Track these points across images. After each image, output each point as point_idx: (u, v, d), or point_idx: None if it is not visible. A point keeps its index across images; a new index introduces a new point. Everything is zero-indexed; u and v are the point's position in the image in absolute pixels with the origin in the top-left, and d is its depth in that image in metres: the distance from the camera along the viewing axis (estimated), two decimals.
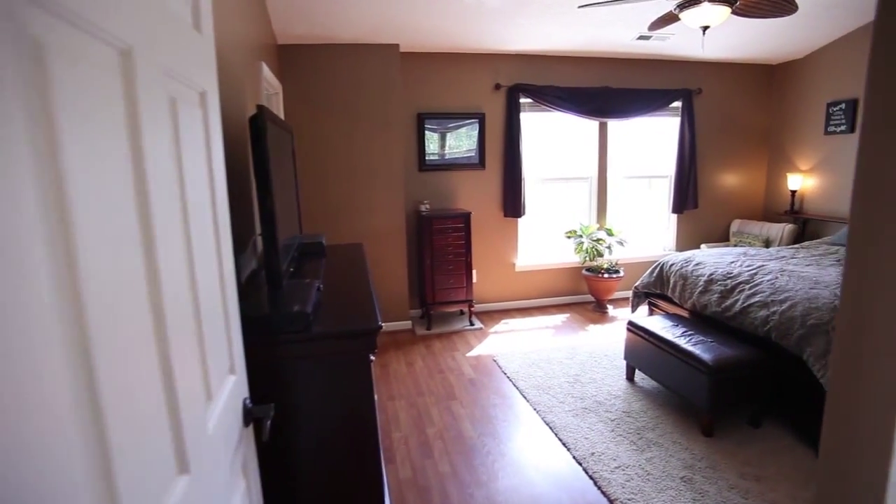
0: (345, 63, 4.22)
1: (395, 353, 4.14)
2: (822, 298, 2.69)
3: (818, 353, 2.52)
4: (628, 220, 5.52)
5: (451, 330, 4.64)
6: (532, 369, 3.69)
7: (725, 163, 5.64)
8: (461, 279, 4.61)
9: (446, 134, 4.84)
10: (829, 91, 4.98)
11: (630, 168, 5.44)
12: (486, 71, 4.82)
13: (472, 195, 4.97)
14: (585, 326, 4.67)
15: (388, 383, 3.57)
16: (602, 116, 5.03)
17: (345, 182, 4.35)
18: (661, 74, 5.21)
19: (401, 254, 4.59)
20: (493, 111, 4.89)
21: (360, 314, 1.64)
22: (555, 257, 5.31)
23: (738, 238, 5.38)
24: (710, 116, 5.46)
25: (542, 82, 4.91)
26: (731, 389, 2.71)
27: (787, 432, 2.79)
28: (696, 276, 3.47)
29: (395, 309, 4.66)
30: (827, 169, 5.07)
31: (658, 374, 3.10)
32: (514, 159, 4.89)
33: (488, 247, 5.09)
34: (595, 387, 3.37)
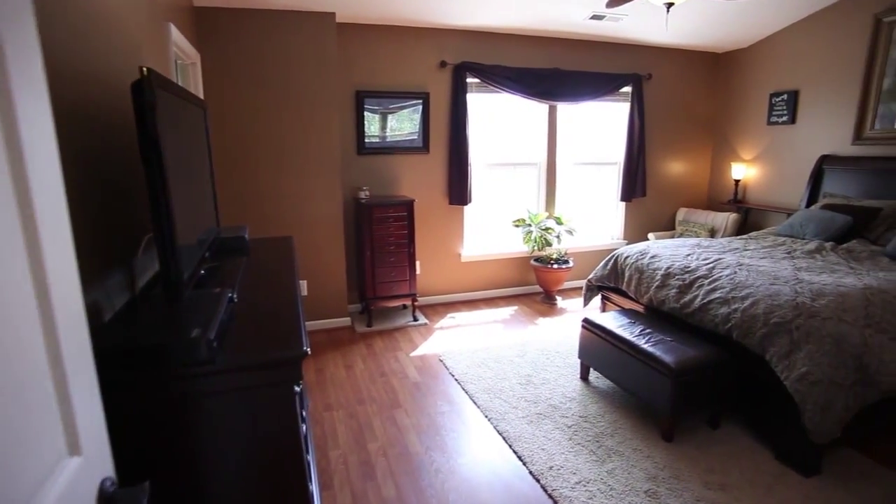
0: (274, 32, 3.75)
1: (332, 354, 3.78)
2: (783, 295, 2.58)
3: (781, 353, 2.40)
4: (577, 208, 5.37)
5: (393, 326, 4.32)
6: (481, 370, 3.45)
7: (672, 150, 5.60)
8: (404, 272, 4.29)
9: (388, 115, 4.47)
10: (772, 82, 4.99)
11: (579, 154, 5.28)
12: (430, 47, 4.47)
13: (415, 181, 4.64)
14: (535, 320, 4.48)
15: (324, 390, 3.23)
16: (551, 99, 4.82)
17: (274, 166, 3.90)
18: (611, 58, 5.05)
19: (338, 245, 4.21)
20: (438, 91, 4.56)
21: (282, 335, 1.30)
22: (502, 247, 5.09)
23: (684, 227, 5.36)
24: (658, 103, 5.37)
25: (491, 61, 4.62)
26: (693, 392, 2.57)
27: (744, 432, 2.68)
28: (653, 270, 3.33)
29: (332, 305, 4.28)
30: (769, 159, 5.11)
31: (616, 375, 2.93)
32: (460, 143, 4.60)
33: (433, 236, 4.79)
34: (549, 388, 3.17)
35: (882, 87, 4.13)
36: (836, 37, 4.40)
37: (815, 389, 2.24)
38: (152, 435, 1.11)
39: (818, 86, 4.58)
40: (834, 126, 4.47)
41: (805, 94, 4.70)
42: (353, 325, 4.34)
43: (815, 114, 4.64)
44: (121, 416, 1.07)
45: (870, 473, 2.38)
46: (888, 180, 4.01)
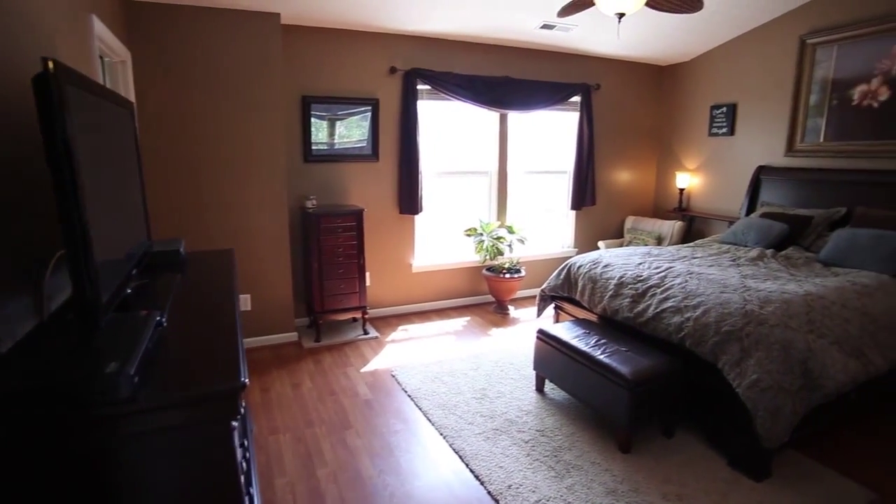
0: (214, 31, 3.54)
1: (278, 372, 3.58)
2: (733, 303, 2.62)
3: (733, 360, 2.43)
4: (528, 217, 5.38)
5: (343, 341, 4.16)
6: (435, 384, 3.35)
7: (620, 160, 5.71)
8: (353, 283, 4.14)
9: (336, 121, 4.32)
10: (712, 95, 5.18)
11: (530, 163, 5.30)
12: (380, 53, 4.36)
13: (364, 190, 4.50)
14: (488, 330, 4.42)
15: (269, 412, 3.03)
16: (502, 107, 4.80)
17: (214, 174, 3.68)
18: (561, 68, 5.11)
19: (284, 257, 4.01)
20: (387, 97, 4.45)
21: (217, 364, 1.16)
22: (454, 257, 5.02)
23: (633, 235, 5.47)
24: (607, 113, 5.47)
25: (442, 68, 4.56)
26: (649, 402, 2.56)
27: (699, 440, 2.70)
28: (606, 279, 3.33)
29: (278, 319, 4.07)
30: (711, 169, 5.29)
31: (572, 387, 2.89)
32: (410, 151, 4.50)
33: (383, 247, 4.66)
34: (504, 402, 3.10)
35: (809, 104, 4.35)
36: (768, 55, 4.61)
37: (766, 396, 2.27)
38: (56, 498, 0.95)
39: (754, 100, 4.79)
40: (769, 138, 4.68)
41: (742, 107, 4.90)
42: (301, 340, 4.14)
43: (751, 126, 4.84)
44: (11, 476, 0.91)
45: (814, 474, 2.44)
46: (817, 190, 4.21)
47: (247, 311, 3.94)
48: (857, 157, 4.07)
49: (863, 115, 4.03)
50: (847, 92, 4.10)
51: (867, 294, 2.85)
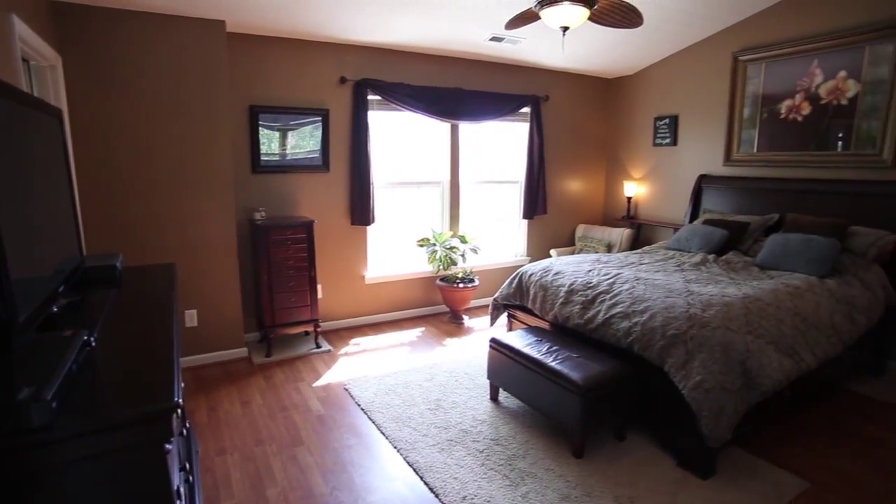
0: (155, 37, 3.41)
1: (227, 389, 3.45)
2: (677, 308, 2.70)
3: (678, 363, 2.51)
4: (481, 226, 5.42)
5: (294, 355, 4.05)
6: (389, 397, 3.30)
7: (570, 169, 5.85)
8: (304, 296, 4.05)
9: (285, 131, 4.24)
10: (655, 107, 5.39)
11: (482, 173, 5.35)
12: (330, 62, 4.32)
13: (315, 201, 4.43)
14: (442, 341, 4.41)
15: (217, 432, 2.91)
16: (453, 118, 4.84)
17: (156, 185, 3.53)
18: (511, 79, 5.20)
19: (232, 270, 3.88)
20: (338, 108, 4.41)
21: (149, 385, 1.10)
22: (407, 267, 4.99)
23: (584, 242, 5.59)
24: (556, 124, 5.60)
25: (392, 79, 4.56)
26: (601, 407, 2.60)
27: (649, 442, 2.76)
28: (557, 287, 3.39)
29: (226, 335, 3.93)
30: (656, 177, 5.49)
31: (525, 394, 2.91)
32: (361, 161, 4.47)
33: (335, 258, 4.59)
34: (459, 412, 3.09)
35: (743, 116, 4.59)
36: (705, 70, 4.84)
37: (709, 396, 2.34)
38: None
39: (694, 112, 5.01)
40: (709, 148, 4.90)
41: (683, 118, 5.12)
42: (251, 355, 4.01)
43: (692, 137, 5.06)
44: None
45: (754, 468, 2.54)
46: (753, 197, 4.44)
47: (193, 327, 3.79)
48: (786, 166, 4.31)
49: (789, 128, 4.28)
50: (775, 106, 4.35)
51: (798, 295, 3.00)
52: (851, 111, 3.90)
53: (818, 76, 4.07)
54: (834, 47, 3.95)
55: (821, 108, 4.07)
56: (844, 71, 3.92)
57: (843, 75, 3.94)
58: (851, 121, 3.91)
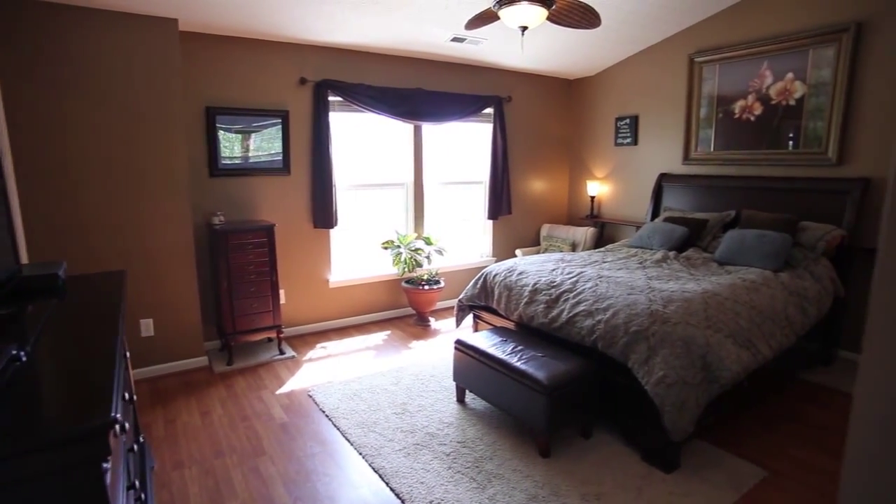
0: (102, 35, 3.27)
1: (185, 400, 3.33)
2: (639, 304, 2.74)
3: (641, 359, 2.54)
4: (446, 227, 5.41)
5: (257, 362, 3.95)
6: (354, 402, 3.25)
7: (534, 169, 5.90)
8: (266, 302, 3.95)
9: (243, 134, 4.13)
10: (616, 107, 5.48)
11: (446, 174, 5.34)
12: (289, 63, 4.24)
13: (276, 204, 4.33)
14: (409, 343, 4.37)
15: (175, 445, 2.80)
16: (416, 119, 4.81)
17: (106, 190, 3.38)
18: (473, 80, 5.20)
19: (190, 277, 3.76)
20: (298, 109, 4.33)
21: (85, 400, 1.03)
22: (372, 270, 4.93)
23: (548, 242, 5.64)
24: (519, 124, 5.63)
25: (354, 80, 4.50)
26: (566, 406, 2.61)
27: (614, 438, 2.79)
28: (521, 287, 3.39)
29: (185, 344, 3.80)
30: (618, 177, 5.58)
31: (491, 395, 2.90)
32: (323, 164, 4.39)
33: (297, 262, 4.50)
34: (425, 415, 3.06)
35: (700, 116, 4.71)
36: (663, 71, 4.95)
37: (672, 391, 2.38)
38: None
39: (653, 112, 5.12)
40: (668, 148, 5.01)
41: (643, 119, 5.22)
42: (212, 364, 3.89)
43: (652, 136, 5.16)
44: None
45: (715, 459, 2.60)
46: (711, 195, 4.56)
47: (149, 336, 3.65)
48: (741, 164, 4.45)
49: (743, 128, 4.41)
50: (730, 106, 4.48)
51: (754, 289, 3.09)
52: (799, 111, 4.05)
53: (768, 77, 4.21)
54: (781, 50, 4.09)
55: (772, 108, 4.21)
56: (792, 73, 4.07)
57: (790, 77, 4.08)
58: (800, 120, 4.06)
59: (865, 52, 3.71)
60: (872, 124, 3.72)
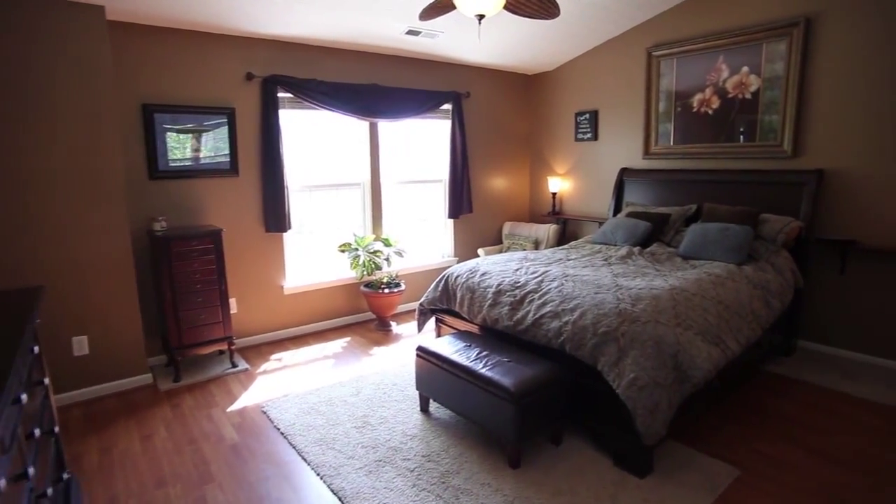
0: (18, 23, 2.95)
1: (125, 424, 3.05)
2: (607, 304, 2.65)
3: (611, 361, 2.44)
4: (405, 228, 5.23)
5: (207, 377, 3.68)
6: (311, 417, 3.04)
7: (494, 167, 5.79)
8: (215, 312, 3.69)
9: (186, 133, 3.85)
10: (576, 102, 5.43)
11: (404, 173, 5.16)
12: (235, 57, 3.98)
13: (224, 208, 4.07)
14: (369, 350, 4.18)
15: (110, 478, 2.53)
16: (371, 116, 4.62)
17: (25, 197, 3.06)
18: (431, 75, 5.05)
19: (129, 288, 3.46)
20: (245, 106, 4.07)
21: None
22: (329, 274, 4.72)
23: (511, 240, 5.54)
24: (479, 121, 5.51)
25: (305, 75, 4.28)
26: (536, 413, 2.49)
27: (585, 443, 2.69)
28: (484, 288, 3.26)
29: (125, 361, 3.50)
30: (579, 172, 5.53)
31: (456, 404, 2.76)
32: (274, 164, 4.15)
33: (249, 269, 4.24)
34: (387, 428, 2.89)
35: (659, 110, 4.70)
36: (622, 65, 4.92)
37: (644, 394, 2.29)
38: None
39: (613, 107, 5.08)
40: (628, 142, 4.98)
41: (603, 113, 5.19)
42: (157, 381, 3.61)
43: (613, 131, 5.13)
44: None
45: (688, 461, 2.53)
46: (672, 189, 4.55)
47: (83, 355, 3.34)
48: (701, 158, 4.45)
49: (701, 121, 4.41)
50: (688, 100, 4.47)
51: (720, 283, 3.05)
52: (755, 105, 4.07)
53: (724, 71, 4.22)
54: (736, 44, 4.11)
55: (728, 101, 4.22)
56: (747, 67, 4.09)
57: (745, 70, 4.10)
58: (756, 114, 4.08)
59: (815, 46, 3.75)
60: (824, 117, 3.76)
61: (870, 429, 2.84)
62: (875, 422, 2.92)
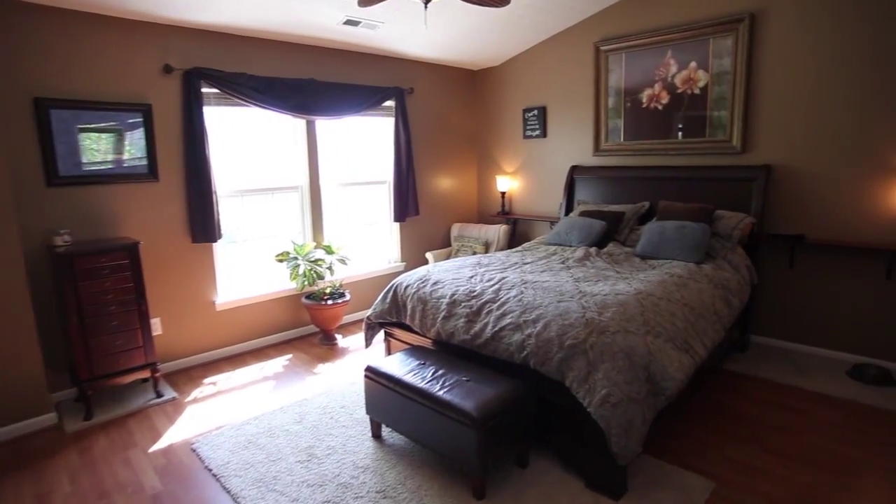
0: None
1: (15, 479, 2.56)
2: (572, 313, 2.45)
3: (580, 377, 2.24)
4: (348, 233, 4.90)
5: (126, 412, 3.24)
6: (249, 452, 2.69)
7: (441, 166, 5.54)
8: (134, 336, 3.25)
9: (92, 132, 3.38)
10: (523, 98, 5.27)
11: (346, 174, 4.83)
12: (150, 47, 3.54)
13: (142, 218, 3.61)
14: (314, 368, 3.84)
15: None
16: (308, 114, 4.27)
17: None
18: (372, 70, 4.74)
19: (22, 315, 2.96)
20: (164, 102, 3.63)
21: None
22: (267, 286, 4.33)
23: (460, 243, 5.31)
24: (423, 118, 5.25)
25: (233, 68, 3.88)
26: (500, 437, 2.26)
27: (554, 464, 2.48)
28: (437, 299, 3.00)
29: (21, 400, 3.00)
30: (529, 171, 5.38)
31: (412, 431, 2.49)
32: (199, 167, 3.74)
33: (175, 285, 3.80)
34: (336, 460, 2.58)
35: (608, 106, 4.60)
36: (570, 60, 4.79)
37: (618, 411, 2.10)
38: None
39: (562, 103, 4.95)
40: (578, 139, 4.86)
41: (552, 110, 5.05)
42: (63, 421, 3.13)
43: (562, 128, 5.00)
44: None
45: (662, 476, 2.38)
46: (624, 186, 4.45)
47: None
48: (652, 154, 4.38)
49: (651, 117, 4.34)
50: (637, 96, 4.39)
51: (683, 284, 2.93)
52: (704, 100, 4.02)
53: (673, 66, 4.15)
54: (683, 39, 4.05)
55: (678, 97, 4.16)
56: (695, 62, 4.04)
57: (693, 66, 4.05)
58: (705, 110, 4.03)
59: (760, 41, 3.74)
60: (770, 112, 3.76)
61: (828, 424, 2.84)
62: (832, 416, 2.93)
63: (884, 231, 3.39)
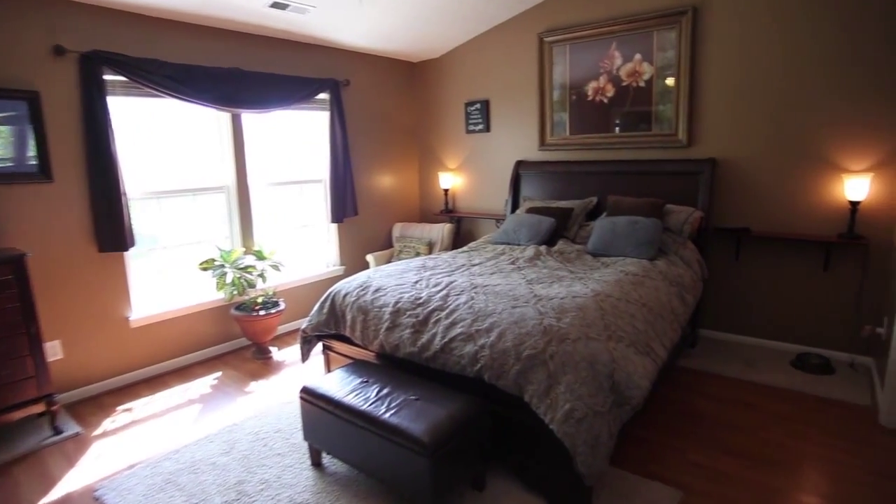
0: None
1: None
2: (528, 319, 2.24)
3: (540, 391, 2.04)
4: (282, 237, 4.53)
5: (13, 456, 2.75)
6: (166, 495, 2.32)
7: (380, 163, 5.25)
8: (22, 365, 2.77)
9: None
10: (465, 91, 5.06)
11: (277, 172, 4.45)
12: (35, 24, 3.04)
13: (34, 225, 3.12)
14: (245, 386, 3.47)
15: None
16: (232, 106, 3.87)
17: None
18: (304, 60, 4.38)
19: None
20: (56, 91, 3.15)
21: None
22: (191, 297, 3.90)
23: (403, 243, 5.04)
24: (361, 112, 4.93)
25: (143, 53, 3.43)
26: (454, 462, 2.02)
27: (513, 485, 2.27)
28: (379, 308, 2.72)
29: None
30: (472, 167, 5.18)
31: (356, 459, 2.21)
32: (105, 165, 3.28)
33: (78, 301, 3.32)
34: (270, 496, 2.26)
35: (553, 99, 4.46)
36: (514, 52, 4.62)
37: (583, 427, 1.91)
38: None
39: (505, 96, 4.77)
40: (523, 133, 4.71)
41: (495, 103, 4.86)
42: None
43: (506, 122, 4.82)
44: None
45: (627, 489, 2.24)
46: (571, 181, 4.33)
47: None
48: (598, 148, 4.27)
49: (597, 110, 4.23)
50: (583, 88, 4.27)
51: (639, 283, 2.80)
52: (650, 93, 3.95)
53: (618, 59, 4.06)
54: (628, 31, 3.96)
55: (623, 89, 4.07)
56: (640, 54, 3.96)
57: (638, 58, 3.97)
58: (650, 103, 3.96)
59: (702, 34, 3.70)
60: (714, 106, 3.74)
61: (781, 418, 2.84)
62: (783, 409, 2.93)
63: (821, 223, 3.43)
